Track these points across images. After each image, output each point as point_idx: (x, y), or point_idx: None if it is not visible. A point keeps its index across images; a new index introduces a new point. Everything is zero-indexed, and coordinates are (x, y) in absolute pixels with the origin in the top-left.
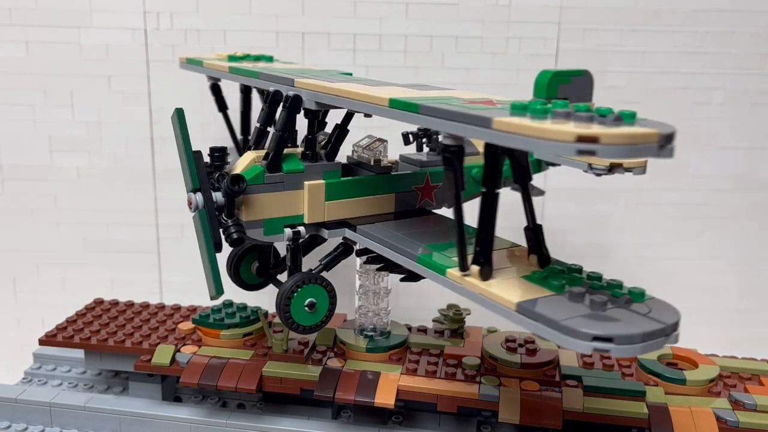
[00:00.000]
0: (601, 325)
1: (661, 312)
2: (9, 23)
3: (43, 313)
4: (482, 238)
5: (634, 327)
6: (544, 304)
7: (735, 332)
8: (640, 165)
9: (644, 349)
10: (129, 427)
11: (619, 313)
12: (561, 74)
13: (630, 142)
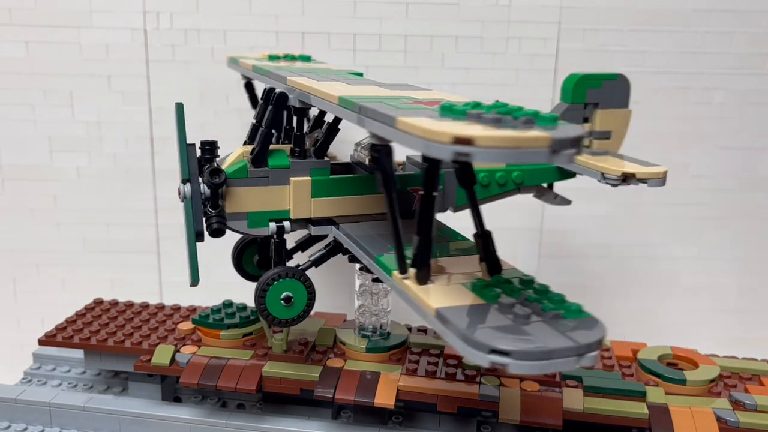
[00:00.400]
0: (504, 339)
1: (583, 331)
2: (9, 23)
3: (43, 313)
4: (420, 242)
5: (538, 343)
6: (462, 313)
7: (735, 332)
8: (656, 176)
9: (545, 367)
10: (128, 427)
11: (538, 327)
12: (590, 78)
13: (511, 145)
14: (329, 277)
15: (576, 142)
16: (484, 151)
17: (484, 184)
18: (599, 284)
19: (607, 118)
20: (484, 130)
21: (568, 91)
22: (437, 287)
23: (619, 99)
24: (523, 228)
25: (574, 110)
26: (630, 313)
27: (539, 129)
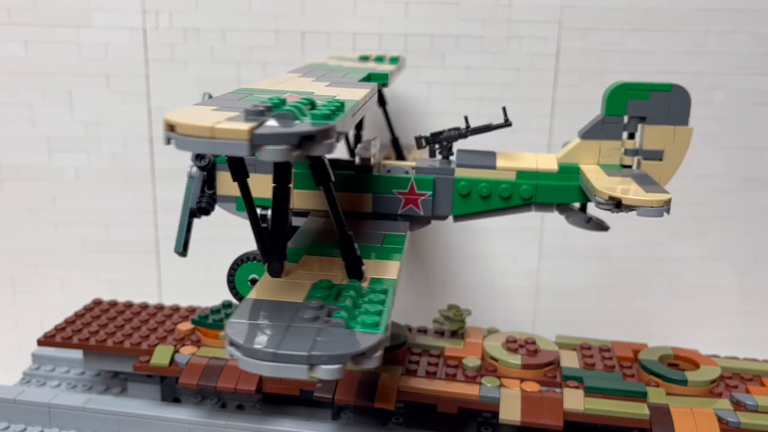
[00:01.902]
0: (252, 335)
1: (337, 343)
2: (8, 22)
3: (42, 314)
4: (273, 236)
5: (271, 345)
6: (260, 305)
7: (736, 333)
8: (647, 204)
9: (273, 369)
10: (128, 427)
11: (306, 331)
12: (633, 87)
13: (206, 135)
14: None
15: (287, 138)
16: (183, 138)
17: (484, 195)
18: (600, 284)
19: (657, 136)
20: (182, 118)
21: (604, 101)
22: (277, 281)
23: (674, 114)
24: (523, 228)
25: (609, 123)
26: (631, 314)
27: (271, 123)
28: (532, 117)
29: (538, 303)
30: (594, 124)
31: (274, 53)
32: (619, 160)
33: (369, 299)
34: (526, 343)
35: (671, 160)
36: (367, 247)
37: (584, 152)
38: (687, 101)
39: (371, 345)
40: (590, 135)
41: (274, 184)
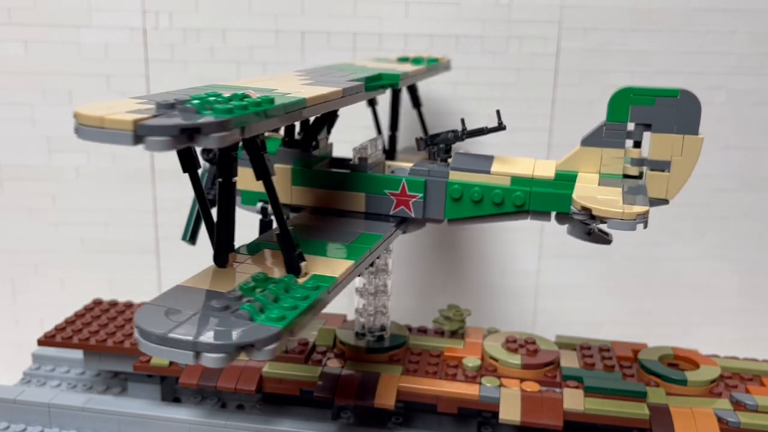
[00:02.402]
0: (154, 319)
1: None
2: (8, 22)
3: (42, 314)
4: (219, 228)
5: (162, 329)
6: (187, 292)
7: (736, 333)
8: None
9: (163, 352)
10: (128, 427)
11: (210, 319)
12: (637, 92)
13: (95, 125)
14: None
15: (167, 130)
16: (81, 128)
17: (475, 200)
18: (599, 284)
19: (663, 145)
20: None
21: (609, 107)
22: (220, 270)
23: (682, 122)
24: (523, 228)
25: (611, 129)
26: (630, 314)
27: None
28: (532, 117)
29: (537, 303)
30: (595, 130)
31: (274, 53)
32: (622, 170)
33: (292, 295)
34: (526, 343)
35: (679, 171)
36: (330, 244)
37: (585, 160)
38: (696, 108)
39: (261, 338)
40: (591, 142)
41: (219, 179)
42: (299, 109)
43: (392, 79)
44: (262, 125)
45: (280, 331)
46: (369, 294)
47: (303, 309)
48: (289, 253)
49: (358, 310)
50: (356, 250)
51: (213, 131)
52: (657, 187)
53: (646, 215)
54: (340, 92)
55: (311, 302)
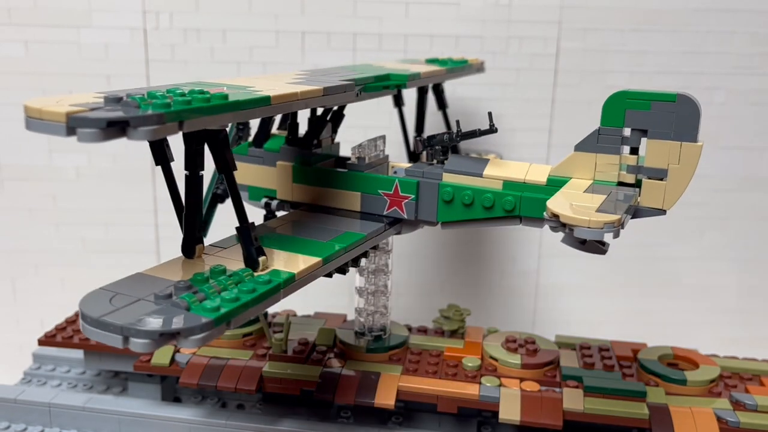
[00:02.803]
0: (96, 302)
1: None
2: (8, 23)
3: (43, 314)
4: (186, 220)
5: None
6: (138, 280)
7: (735, 332)
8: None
9: (97, 335)
10: (128, 427)
11: (148, 306)
12: (632, 95)
13: (35, 116)
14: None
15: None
16: (26, 119)
17: (466, 203)
18: (599, 284)
19: (659, 153)
20: (63, 106)
21: (603, 110)
22: (185, 261)
23: (680, 128)
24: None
25: (606, 135)
26: (630, 313)
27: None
28: (532, 117)
29: (537, 303)
30: (589, 135)
31: (275, 53)
32: (617, 177)
33: (240, 287)
34: (525, 343)
35: (676, 180)
36: (305, 241)
37: (579, 165)
38: (695, 113)
39: (187, 327)
40: (585, 147)
41: (185, 172)
42: (260, 106)
43: (400, 80)
44: (208, 120)
45: (208, 321)
46: (369, 294)
47: (244, 302)
48: (247, 247)
49: (358, 310)
50: (328, 248)
51: (142, 125)
52: (653, 197)
53: (616, 224)
54: (320, 91)
55: (256, 296)
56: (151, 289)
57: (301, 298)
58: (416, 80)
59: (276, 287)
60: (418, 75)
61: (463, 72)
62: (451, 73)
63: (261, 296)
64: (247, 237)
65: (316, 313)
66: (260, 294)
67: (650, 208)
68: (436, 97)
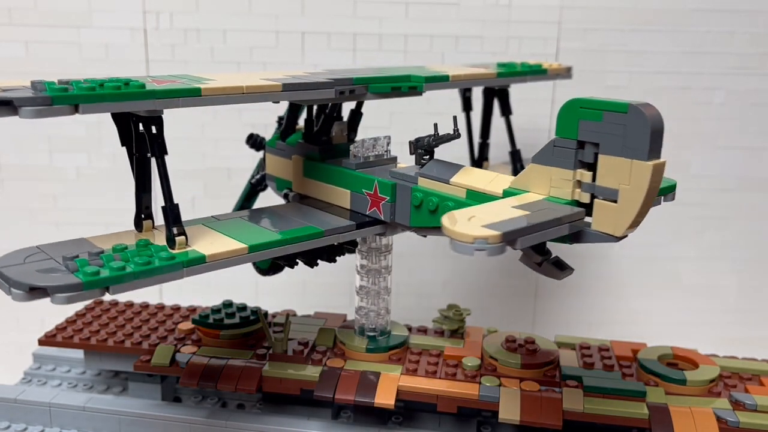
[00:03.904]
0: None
1: (37, 276)
2: (8, 23)
3: (43, 313)
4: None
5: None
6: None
7: (735, 332)
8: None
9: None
10: (128, 427)
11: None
12: (585, 104)
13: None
14: (329, 277)
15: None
16: None
17: (431, 210)
18: (599, 284)
19: (611, 170)
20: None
21: (557, 120)
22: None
23: (630, 143)
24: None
25: (560, 147)
26: (630, 313)
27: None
28: (533, 117)
29: (537, 303)
30: (546, 146)
31: (275, 54)
32: (570, 194)
33: (137, 261)
34: (525, 343)
35: (626, 203)
36: (253, 228)
37: (536, 179)
38: (645, 128)
39: (54, 284)
40: (541, 159)
41: (134, 154)
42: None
43: (417, 81)
44: (113, 106)
45: (77, 283)
46: (369, 294)
47: (130, 272)
48: (167, 227)
49: (358, 310)
50: (266, 237)
51: (26, 105)
52: (605, 220)
53: (490, 241)
54: (279, 87)
55: (147, 269)
56: (71, 252)
57: (301, 298)
58: (437, 83)
59: (177, 264)
60: (444, 78)
61: (530, 77)
62: (505, 78)
63: (154, 270)
64: (167, 217)
65: (316, 313)
66: (153, 268)
67: (600, 233)
68: (500, 102)
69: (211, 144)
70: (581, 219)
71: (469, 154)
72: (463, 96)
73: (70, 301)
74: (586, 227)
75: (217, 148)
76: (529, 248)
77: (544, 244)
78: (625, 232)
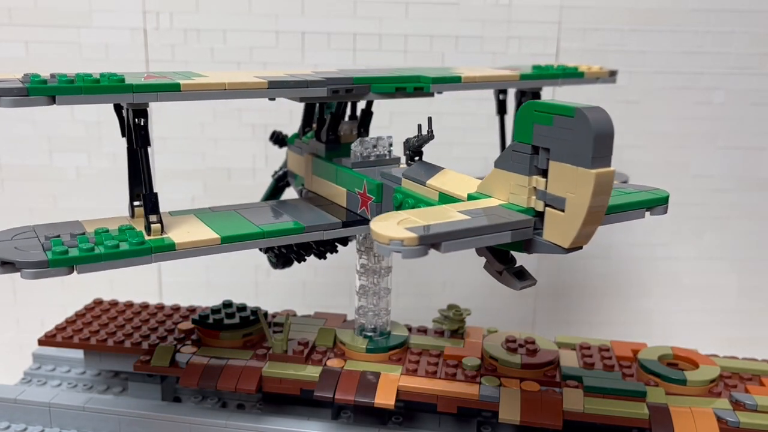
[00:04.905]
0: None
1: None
2: (9, 23)
3: (43, 314)
4: (129, 187)
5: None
6: (65, 224)
7: (735, 332)
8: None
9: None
10: (128, 427)
11: (26, 244)
12: (539, 107)
13: None
14: (329, 278)
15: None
16: None
17: None
18: (600, 284)
19: (559, 177)
20: None
21: (515, 123)
22: (123, 219)
23: (575, 149)
24: None
25: (517, 151)
26: (630, 313)
27: None
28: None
29: (537, 303)
30: (506, 150)
31: (275, 54)
32: (527, 201)
33: (107, 244)
34: (525, 343)
35: (572, 213)
36: (232, 220)
37: (497, 184)
38: (589, 134)
39: (21, 260)
40: (502, 164)
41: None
42: (166, 91)
43: (425, 82)
44: (88, 98)
45: (43, 261)
46: (369, 294)
47: (96, 254)
48: (145, 213)
49: (358, 310)
50: (245, 230)
51: (5, 95)
52: (553, 229)
53: (407, 243)
54: (264, 84)
55: (114, 252)
56: (56, 233)
57: (301, 298)
58: (445, 84)
59: (145, 250)
60: (455, 79)
61: (561, 81)
62: (529, 81)
63: (122, 254)
64: (146, 207)
65: (316, 313)
66: (121, 251)
67: (549, 243)
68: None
69: (211, 144)
70: (528, 227)
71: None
72: (497, 99)
73: (37, 276)
74: (537, 236)
75: (217, 148)
76: (490, 255)
77: (507, 252)
78: (574, 244)
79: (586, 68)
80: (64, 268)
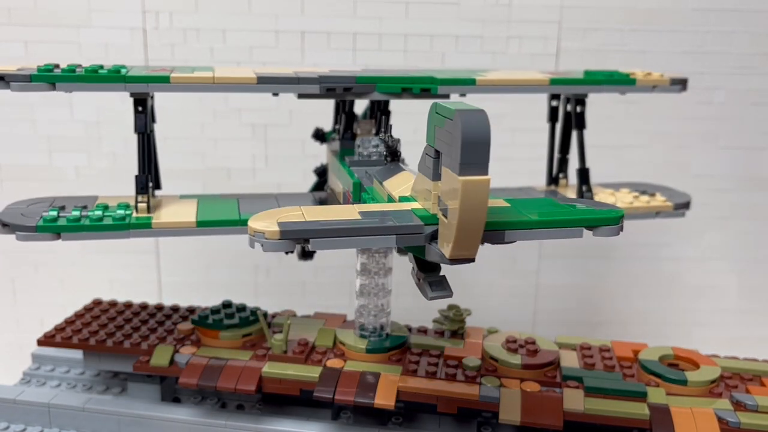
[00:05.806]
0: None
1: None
2: (8, 23)
3: (42, 314)
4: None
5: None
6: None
7: (736, 332)
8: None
9: None
10: (128, 428)
11: (33, 210)
12: (439, 110)
13: None
14: (329, 278)
15: None
16: None
17: None
18: (600, 284)
19: (447, 184)
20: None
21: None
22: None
23: (452, 153)
24: None
25: (428, 155)
26: (631, 314)
27: None
28: (532, 117)
29: (537, 303)
30: (423, 153)
31: (274, 53)
32: (431, 207)
33: (92, 217)
34: (526, 343)
35: (451, 223)
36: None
37: (419, 187)
38: (458, 138)
39: (14, 223)
40: (420, 167)
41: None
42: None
43: (434, 83)
44: (88, 86)
45: (31, 225)
46: (369, 294)
47: (81, 225)
48: (136, 193)
49: (358, 310)
50: (225, 216)
51: (13, 80)
52: (443, 238)
53: (268, 236)
54: (253, 79)
55: (96, 224)
56: (64, 204)
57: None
58: (454, 86)
59: (123, 225)
60: (469, 81)
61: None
62: (558, 86)
63: (103, 227)
64: (136, 186)
65: (316, 313)
66: (103, 225)
67: (438, 252)
68: (573, 114)
69: (211, 144)
70: (418, 234)
71: (547, 168)
72: (549, 106)
73: (27, 239)
74: (433, 244)
75: (217, 148)
76: (414, 263)
77: (430, 263)
78: (454, 256)
79: (641, 74)
80: (49, 234)
